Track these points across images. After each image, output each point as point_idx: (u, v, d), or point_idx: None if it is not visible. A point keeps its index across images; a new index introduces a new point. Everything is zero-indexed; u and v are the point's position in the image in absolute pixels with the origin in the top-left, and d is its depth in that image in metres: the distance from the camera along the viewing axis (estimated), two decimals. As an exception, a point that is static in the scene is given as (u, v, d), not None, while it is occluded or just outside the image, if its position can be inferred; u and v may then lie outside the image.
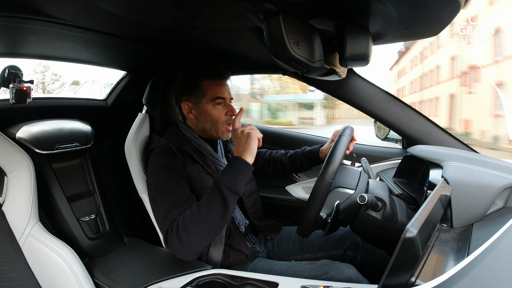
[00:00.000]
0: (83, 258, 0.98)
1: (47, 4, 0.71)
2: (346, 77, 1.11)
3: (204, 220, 0.78)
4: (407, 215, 0.78)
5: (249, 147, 0.85)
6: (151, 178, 0.92)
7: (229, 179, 0.81)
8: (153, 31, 0.90)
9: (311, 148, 1.15)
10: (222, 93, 1.00)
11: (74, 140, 1.14)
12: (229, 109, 1.02)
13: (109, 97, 1.56)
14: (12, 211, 0.88)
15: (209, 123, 1.02)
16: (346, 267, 0.85)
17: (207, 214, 0.78)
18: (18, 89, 1.01)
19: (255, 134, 0.87)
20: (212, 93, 0.99)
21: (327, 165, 0.74)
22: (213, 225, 0.79)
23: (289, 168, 1.19)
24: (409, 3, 0.61)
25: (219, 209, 0.79)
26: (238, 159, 0.84)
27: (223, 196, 0.79)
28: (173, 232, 0.78)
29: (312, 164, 1.15)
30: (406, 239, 0.44)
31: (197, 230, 0.77)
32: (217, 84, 1.00)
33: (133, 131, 1.11)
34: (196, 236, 0.78)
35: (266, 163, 1.23)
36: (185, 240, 0.77)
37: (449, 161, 0.75)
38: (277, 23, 0.56)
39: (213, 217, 0.79)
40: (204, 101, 1.00)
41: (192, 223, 0.78)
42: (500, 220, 0.61)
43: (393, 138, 1.29)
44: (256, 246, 1.07)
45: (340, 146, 0.78)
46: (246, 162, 0.84)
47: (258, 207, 1.13)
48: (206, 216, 0.78)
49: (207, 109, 1.00)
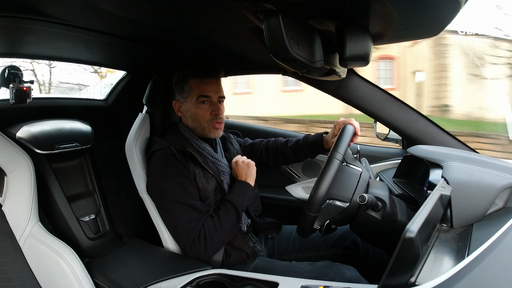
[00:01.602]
0: (83, 258, 0.98)
1: (47, 4, 0.71)
2: (346, 77, 1.11)
3: (224, 231, 0.93)
4: (407, 215, 0.78)
5: (251, 174, 1.04)
6: (160, 186, 0.96)
7: (240, 199, 0.98)
8: (153, 31, 0.90)
9: (315, 137, 1.13)
10: (206, 91, 1.01)
11: (74, 140, 1.14)
12: (214, 108, 1.02)
13: (109, 97, 1.56)
14: (12, 211, 0.88)
15: (194, 122, 1.03)
16: (347, 269, 0.85)
17: (226, 226, 0.94)
18: (18, 89, 1.01)
19: (253, 162, 1.06)
20: (197, 91, 1.01)
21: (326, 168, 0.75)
22: (230, 233, 0.96)
23: (292, 158, 1.19)
24: (409, 3, 0.61)
25: (234, 222, 0.96)
26: (245, 184, 1.02)
27: (237, 212, 0.96)
28: (201, 241, 0.90)
29: (316, 153, 1.16)
30: (406, 239, 0.44)
31: (220, 239, 0.93)
32: (202, 82, 1.01)
33: (133, 131, 1.11)
34: (219, 244, 0.94)
35: (263, 153, 1.22)
36: (210, 248, 0.91)
37: (449, 161, 0.75)
38: (277, 23, 0.56)
39: (230, 228, 0.95)
40: (189, 99, 1.02)
41: (216, 233, 0.92)
42: (500, 220, 0.61)
43: (393, 138, 1.29)
44: (257, 245, 1.08)
45: (346, 134, 0.81)
46: (251, 186, 1.03)
47: (257, 204, 1.14)
48: (226, 227, 0.93)
49: (191, 108, 1.02)
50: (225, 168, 1.06)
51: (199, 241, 0.90)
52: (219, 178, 1.02)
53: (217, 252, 0.96)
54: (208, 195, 0.99)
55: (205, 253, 0.91)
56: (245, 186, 1.01)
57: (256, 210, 1.12)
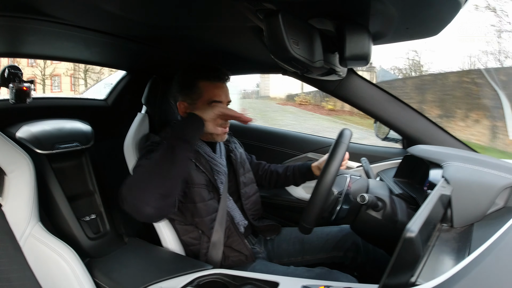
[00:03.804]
0: (84, 258, 0.98)
1: (47, 4, 0.71)
2: (346, 77, 1.11)
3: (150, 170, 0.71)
4: (407, 215, 0.78)
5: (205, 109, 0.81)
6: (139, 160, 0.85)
7: (177, 128, 0.77)
8: (153, 31, 0.90)
9: (305, 162, 1.17)
10: (218, 97, 0.97)
11: (74, 140, 1.15)
12: None
13: (109, 97, 1.56)
14: (12, 211, 0.88)
15: None
16: (345, 277, 0.85)
17: (155, 163, 0.71)
18: (18, 89, 1.02)
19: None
20: (208, 95, 0.96)
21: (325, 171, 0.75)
22: (160, 173, 0.70)
23: (282, 178, 1.20)
24: (409, 2, 0.61)
25: (166, 157, 0.71)
26: (191, 114, 0.80)
27: (170, 144, 0.72)
28: (123, 187, 0.70)
29: (305, 178, 1.16)
30: (406, 239, 0.44)
31: (142, 179, 0.70)
32: (214, 86, 0.97)
33: (132, 131, 1.11)
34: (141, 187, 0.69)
35: (264, 174, 1.23)
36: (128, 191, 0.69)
37: (449, 161, 0.75)
38: (277, 22, 0.56)
39: (160, 166, 0.71)
40: (199, 102, 0.97)
41: (138, 176, 0.72)
42: (500, 220, 0.61)
43: (393, 138, 1.28)
44: (256, 247, 1.07)
45: (338, 155, 0.79)
46: (193, 114, 0.79)
47: (258, 208, 1.13)
48: (153, 165, 0.71)
49: (201, 112, 0.95)
50: (220, 168, 1.02)
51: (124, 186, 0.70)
52: (211, 175, 0.98)
53: (212, 250, 0.94)
54: (194, 187, 0.93)
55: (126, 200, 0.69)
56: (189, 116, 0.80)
57: (255, 214, 1.11)
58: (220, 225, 0.96)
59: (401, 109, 1.12)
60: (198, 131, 0.79)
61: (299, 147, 1.51)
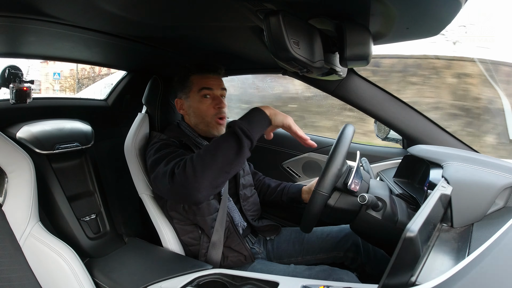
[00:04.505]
0: (84, 258, 0.98)
1: (47, 4, 0.71)
2: (346, 77, 1.11)
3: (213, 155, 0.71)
4: (407, 215, 0.78)
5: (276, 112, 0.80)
6: (154, 156, 0.89)
7: (243, 122, 0.74)
8: (153, 31, 0.90)
9: (299, 184, 1.17)
10: (208, 84, 1.01)
11: (74, 140, 1.14)
12: (217, 101, 1.01)
13: (109, 97, 1.56)
14: (12, 211, 0.88)
15: (197, 117, 1.02)
16: (345, 275, 0.85)
17: (217, 150, 0.72)
18: (18, 89, 1.01)
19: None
20: (198, 84, 1.01)
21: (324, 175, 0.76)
22: (223, 162, 0.71)
23: (272, 193, 1.19)
24: (409, 2, 0.61)
25: (231, 147, 0.71)
26: (256, 108, 0.77)
27: (236, 135, 0.71)
28: (180, 168, 0.73)
29: (293, 199, 1.14)
30: (406, 239, 0.44)
31: (205, 164, 0.71)
32: (204, 77, 1.02)
33: (132, 131, 1.11)
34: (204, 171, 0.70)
35: (258, 184, 1.23)
36: (191, 175, 0.71)
37: (449, 161, 0.75)
38: (277, 22, 0.56)
39: (224, 154, 0.71)
40: (191, 94, 1.02)
41: (200, 158, 0.72)
42: (500, 220, 0.61)
43: (393, 138, 1.29)
44: (256, 247, 1.07)
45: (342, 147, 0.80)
46: (263, 112, 0.76)
47: (256, 209, 1.13)
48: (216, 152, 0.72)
49: (194, 103, 1.01)
50: None
51: (178, 168, 0.74)
52: None
53: (212, 251, 0.94)
54: None
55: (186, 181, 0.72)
56: (254, 111, 0.78)
57: (254, 215, 1.11)
58: (220, 225, 0.96)
59: (401, 109, 1.12)
60: (263, 129, 0.78)
61: (299, 147, 1.51)
